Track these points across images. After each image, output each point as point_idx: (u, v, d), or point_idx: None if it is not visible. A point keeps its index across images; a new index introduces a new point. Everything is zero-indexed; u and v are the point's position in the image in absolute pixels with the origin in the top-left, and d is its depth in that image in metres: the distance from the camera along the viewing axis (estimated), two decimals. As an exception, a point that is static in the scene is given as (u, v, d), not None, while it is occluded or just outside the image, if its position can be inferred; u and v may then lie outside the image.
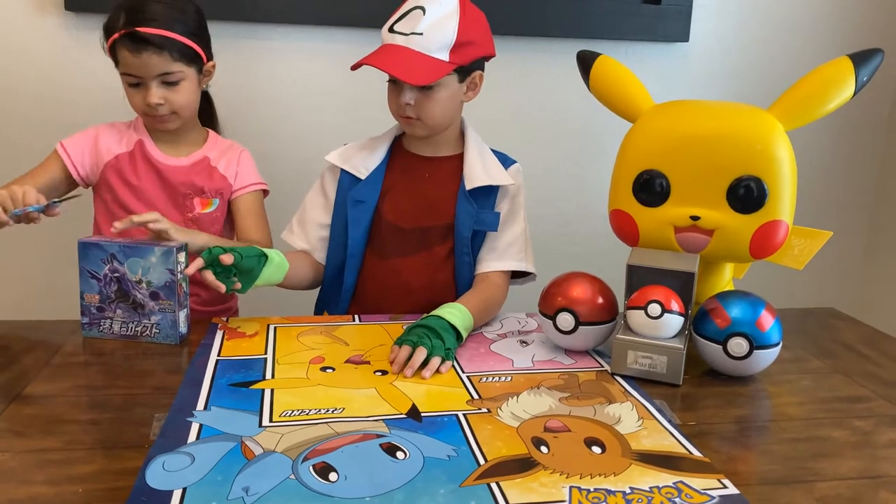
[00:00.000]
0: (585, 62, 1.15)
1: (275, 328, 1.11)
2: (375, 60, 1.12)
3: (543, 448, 0.78)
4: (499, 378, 0.96)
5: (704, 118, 1.06)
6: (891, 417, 0.90)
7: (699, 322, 1.00)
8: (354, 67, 1.14)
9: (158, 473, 0.71)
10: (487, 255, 1.23)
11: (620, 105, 1.12)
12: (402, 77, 1.11)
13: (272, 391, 0.90)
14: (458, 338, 1.04)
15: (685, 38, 1.82)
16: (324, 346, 1.05)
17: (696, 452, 0.78)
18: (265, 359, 1.00)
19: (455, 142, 1.26)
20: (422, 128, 1.19)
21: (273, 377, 0.94)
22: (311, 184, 1.30)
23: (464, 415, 0.85)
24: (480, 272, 1.23)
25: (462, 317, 1.05)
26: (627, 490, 0.71)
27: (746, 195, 1.01)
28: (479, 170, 1.21)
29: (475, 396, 0.90)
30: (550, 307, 1.03)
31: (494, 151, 1.26)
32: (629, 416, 0.86)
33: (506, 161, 1.26)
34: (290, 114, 1.73)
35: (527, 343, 1.09)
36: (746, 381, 0.99)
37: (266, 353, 1.01)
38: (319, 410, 0.85)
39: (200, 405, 0.85)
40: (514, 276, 1.27)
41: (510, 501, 0.68)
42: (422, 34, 1.11)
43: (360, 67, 1.13)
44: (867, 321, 1.26)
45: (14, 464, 0.73)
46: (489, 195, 1.22)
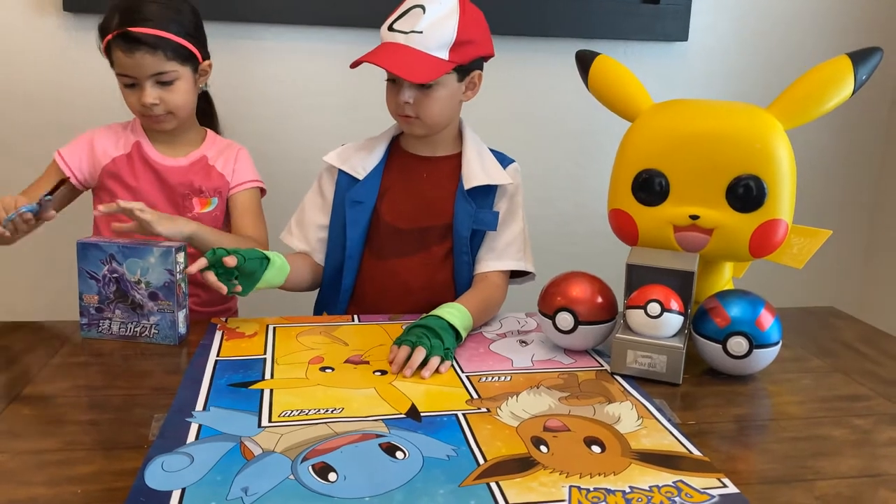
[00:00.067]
0: (584, 62, 1.15)
1: (274, 328, 1.11)
2: (375, 58, 1.12)
3: (543, 447, 0.78)
4: (498, 378, 0.96)
5: (703, 117, 1.06)
6: (890, 416, 0.89)
7: (699, 321, 1.00)
8: (354, 65, 1.14)
9: (157, 474, 0.71)
10: (486, 255, 1.23)
11: (619, 104, 1.12)
12: (402, 75, 1.11)
13: (271, 391, 0.90)
14: (458, 338, 1.04)
15: (684, 38, 1.82)
16: (323, 347, 1.05)
17: (696, 451, 0.78)
18: (264, 359, 1.00)
19: (453, 141, 1.26)
20: (420, 127, 1.19)
21: (272, 377, 0.94)
22: (310, 184, 1.30)
23: (463, 414, 0.85)
24: (479, 272, 1.23)
25: (461, 316, 1.05)
26: (627, 489, 0.71)
27: (746, 194, 1.01)
28: (478, 169, 1.21)
29: (474, 396, 0.90)
30: (550, 307, 1.03)
31: (493, 151, 1.26)
32: (629, 416, 0.86)
33: (504, 160, 1.26)
34: (289, 114, 1.73)
35: (526, 343, 1.09)
36: (746, 380, 0.99)
37: (265, 354, 1.01)
38: (319, 410, 0.85)
39: (199, 405, 0.85)
40: (514, 276, 1.27)
41: (510, 501, 0.68)
42: (421, 32, 1.11)
43: (360, 66, 1.13)
44: (867, 320, 1.26)
45: (13, 464, 0.73)
46: (487, 195, 1.22)
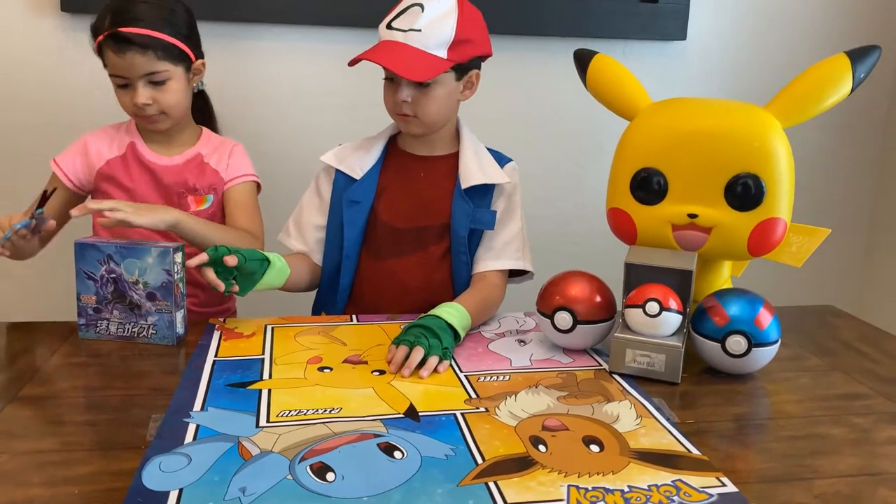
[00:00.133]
0: (582, 61, 1.15)
1: (272, 328, 1.11)
2: (373, 56, 1.11)
3: (541, 447, 0.78)
4: (497, 377, 0.96)
5: (702, 116, 1.06)
6: (889, 414, 0.89)
7: (697, 320, 1.00)
8: (352, 63, 1.14)
9: (155, 474, 0.70)
10: (484, 255, 1.23)
11: (617, 103, 1.12)
12: (401, 73, 1.11)
13: (269, 391, 0.89)
14: (456, 337, 1.04)
15: (682, 37, 1.82)
16: (321, 347, 1.04)
17: (695, 451, 0.78)
18: (262, 359, 0.99)
19: (450, 141, 1.26)
20: (418, 125, 1.19)
21: (270, 377, 0.94)
22: (308, 184, 1.30)
23: (462, 414, 0.85)
24: (478, 272, 1.22)
25: (460, 316, 1.05)
26: (626, 489, 0.70)
27: (744, 193, 1.01)
28: (475, 168, 1.21)
29: (473, 396, 0.90)
30: (548, 306, 1.03)
31: (490, 150, 1.26)
32: (627, 415, 0.86)
33: (501, 159, 1.26)
34: (288, 114, 1.73)
35: (525, 342, 1.09)
36: (745, 379, 0.98)
37: (263, 354, 1.01)
38: (317, 410, 0.85)
39: (197, 406, 0.85)
40: (512, 275, 1.27)
41: (508, 500, 0.68)
42: (420, 31, 1.11)
43: (358, 66, 1.13)
44: (866, 319, 1.26)
45: (11, 465, 0.73)
46: (485, 194, 1.22)
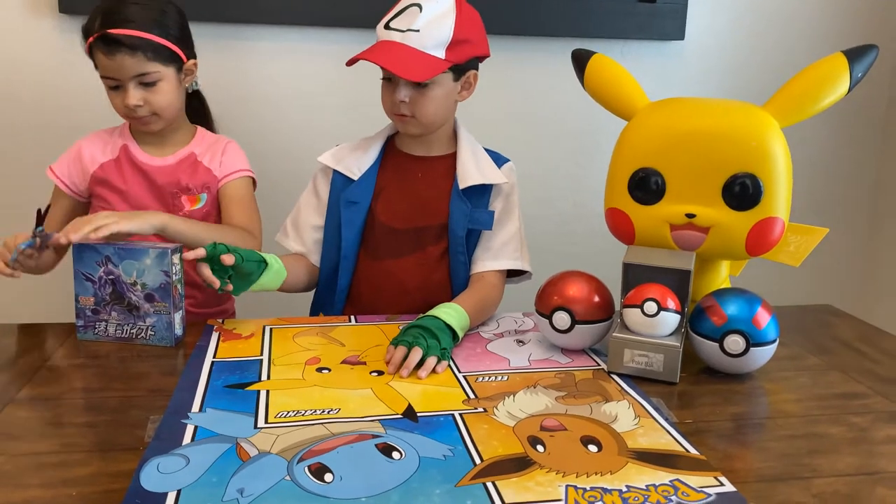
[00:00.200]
0: (580, 61, 1.15)
1: (270, 329, 1.11)
2: (371, 56, 1.11)
3: (539, 447, 0.78)
4: (495, 377, 0.96)
5: (699, 115, 1.06)
6: (888, 414, 0.89)
7: (695, 320, 1.00)
8: (350, 63, 1.14)
9: (153, 475, 0.70)
10: (483, 255, 1.23)
11: (615, 103, 1.12)
12: (399, 73, 1.11)
13: (268, 392, 0.89)
14: (455, 337, 1.04)
15: (681, 37, 1.82)
16: (320, 347, 1.04)
17: (693, 450, 0.78)
18: (261, 360, 0.99)
19: (448, 141, 1.26)
20: (416, 126, 1.19)
21: (269, 378, 0.94)
22: (305, 185, 1.30)
23: (460, 414, 0.85)
24: (476, 272, 1.23)
25: (458, 316, 1.05)
26: (624, 488, 0.70)
27: (742, 192, 1.01)
28: (473, 169, 1.21)
29: (471, 396, 0.90)
30: (547, 306, 1.03)
31: (487, 150, 1.26)
32: (626, 415, 0.86)
33: (499, 160, 1.26)
34: (286, 114, 1.73)
35: (523, 342, 1.09)
36: (743, 379, 0.98)
37: (262, 355, 1.01)
38: (315, 411, 0.85)
39: (196, 407, 0.85)
40: (510, 275, 1.27)
41: (506, 501, 0.68)
42: (418, 31, 1.11)
43: (356, 66, 1.13)
44: (864, 318, 1.26)
45: (9, 467, 0.73)
46: (483, 194, 1.22)
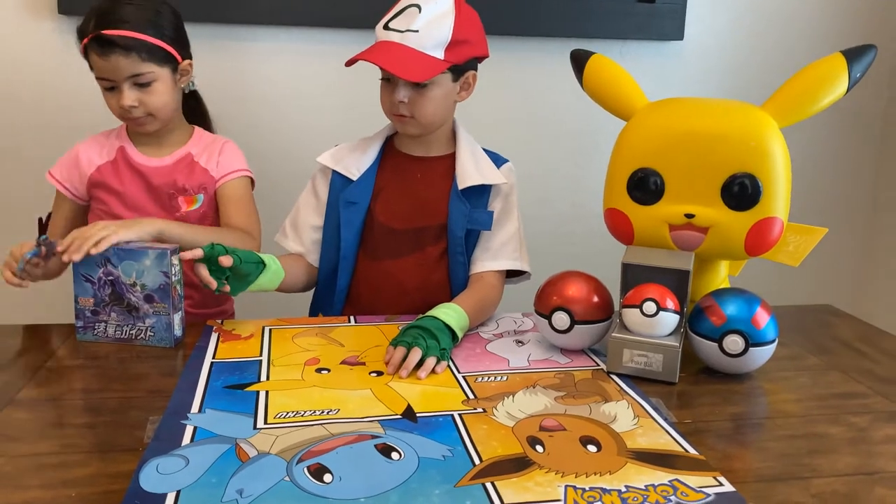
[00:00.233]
0: (579, 61, 1.15)
1: (270, 330, 1.11)
2: (370, 56, 1.11)
3: (539, 447, 0.78)
4: (494, 378, 0.96)
5: (698, 116, 1.06)
6: (887, 413, 0.89)
7: (694, 320, 1.00)
8: (349, 63, 1.14)
9: (152, 476, 0.70)
10: (482, 255, 1.23)
11: (614, 104, 1.12)
12: (398, 73, 1.11)
13: (267, 393, 0.89)
14: (454, 338, 1.04)
15: (680, 37, 1.82)
16: (319, 348, 1.04)
17: (692, 450, 0.78)
18: (260, 361, 0.99)
19: (447, 142, 1.26)
20: (415, 126, 1.19)
21: (268, 379, 0.94)
22: (304, 185, 1.30)
23: (459, 415, 0.85)
24: (475, 272, 1.23)
25: (457, 317, 1.05)
26: (623, 488, 0.70)
27: (741, 192, 1.01)
28: (472, 169, 1.21)
29: (471, 396, 0.90)
30: (546, 306, 1.03)
31: (486, 151, 1.26)
32: (625, 415, 0.86)
33: (498, 160, 1.26)
34: (285, 115, 1.73)
35: (523, 342, 1.09)
36: (742, 379, 0.98)
37: (261, 356, 1.01)
38: (314, 412, 0.85)
39: (195, 408, 0.85)
40: (509, 276, 1.27)
41: (505, 501, 0.68)
42: (417, 31, 1.11)
43: (355, 67, 1.13)
44: (864, 318, 1.26)
45: (8, 468, 0.73)
46: (482, 195, 1.22)
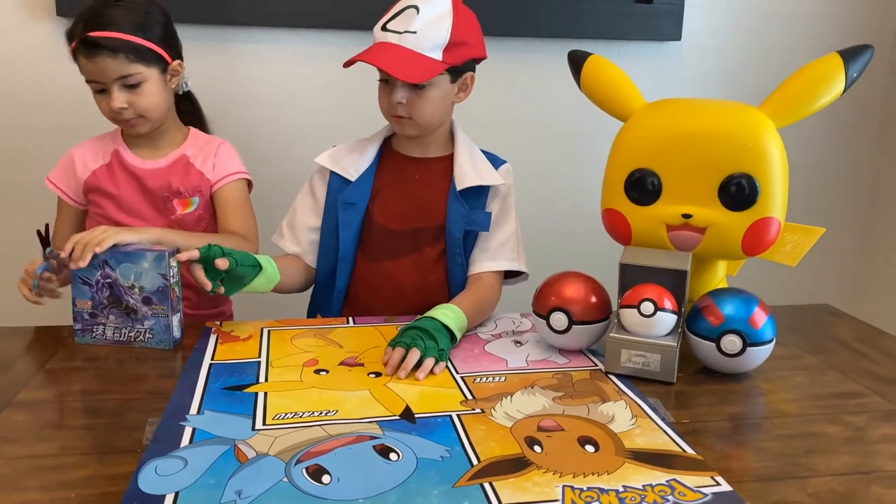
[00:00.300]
0: (576, 62, 1.15)
1: (268, 331, 1.11)
2: (368, 57, 1.11)
3: (537, 447, 0.78)
4: (493, 378, 0.96)
5: (695, 116, 1.06)
6: (884, 413, 0.90)
7: (692, 320, 1.00)
8: (347, 64, 1.14)
9: (151, 478, 0.71)
10: (480, 256, 1.23)
11: (611, 104, 1.12)
12: (396, 74, 1.11)
13: (265, 394, 0.90)
14: (452, 339, 1.04)
15: (677, 37, 1.82)
16: (317, 349, 1.05)
17: (690, 450, 0.78)
18: (258, 362, 1.00)
19: (445, 143, 1.26)
20: (413, 127, 1.19)
21: (267, 380, 0.94)
22: (302, 186, 1.30)
23: (457, 415, 0.85)
24: (473, 273, 1.23)
25: (456, 317, 1.05)
26: (620, 488, 0.71)
27: (738, 192, 1.01)
28: (470, 170, 1.21)
29: (469, 397, 0.90)
30: (544, 307, 1.03)
31: (484, 152, 1.26)
32: (623, 415, 0.86)
33: (495, 161, 1.26)
34: (282, 116, 1.73)
35: (521, 343, 1.09)
36: (740, 379, 0.99)
37: (260, 357, 1.01)
38: (313, 413, 0.85)
39: (194, 409, 0.85)
40: (507, 276, 1.27)
41: (503, 501, 0.68)
42: (415, 33, 1.11)
43: (353, 68, 1.13)
44: (862, 317, 1.26)
45: (7, 470, 0.73)
46: (480, 195, 1.22)
